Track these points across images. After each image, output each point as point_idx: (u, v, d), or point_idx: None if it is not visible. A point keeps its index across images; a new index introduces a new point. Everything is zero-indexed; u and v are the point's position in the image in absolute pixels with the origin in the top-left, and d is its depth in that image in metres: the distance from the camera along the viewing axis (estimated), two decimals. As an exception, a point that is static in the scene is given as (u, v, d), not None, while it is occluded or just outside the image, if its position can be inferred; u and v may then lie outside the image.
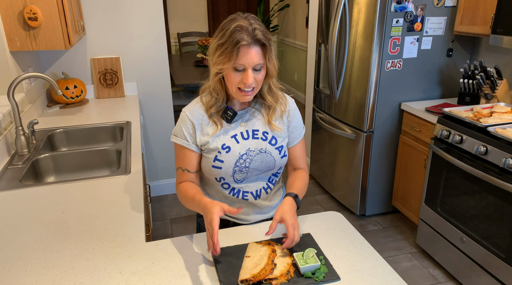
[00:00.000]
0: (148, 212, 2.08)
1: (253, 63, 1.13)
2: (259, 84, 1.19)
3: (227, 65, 1.13)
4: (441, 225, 2.28)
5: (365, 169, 2.77)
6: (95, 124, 2.26)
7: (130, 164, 1.73)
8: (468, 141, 2.04)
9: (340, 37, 2.76)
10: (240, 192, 1.31)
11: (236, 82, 1.16)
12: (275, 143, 1.28)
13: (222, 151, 1.25)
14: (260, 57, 1.14)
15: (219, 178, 1.28)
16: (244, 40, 1.10)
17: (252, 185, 1.30)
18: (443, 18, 2.51)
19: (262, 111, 1.30)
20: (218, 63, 1.15)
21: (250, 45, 1.11)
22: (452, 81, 2.69)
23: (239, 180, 1.28)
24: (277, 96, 1.30)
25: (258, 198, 1.32)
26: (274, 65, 1.19)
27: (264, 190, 1.32)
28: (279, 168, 1.31)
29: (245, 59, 1.12)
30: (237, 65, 1.13)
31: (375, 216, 2.91)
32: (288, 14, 6.16)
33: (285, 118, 1.32)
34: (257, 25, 1.14)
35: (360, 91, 2.64)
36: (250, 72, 1.13)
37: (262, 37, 1.13)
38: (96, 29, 2.73)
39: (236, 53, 1.11)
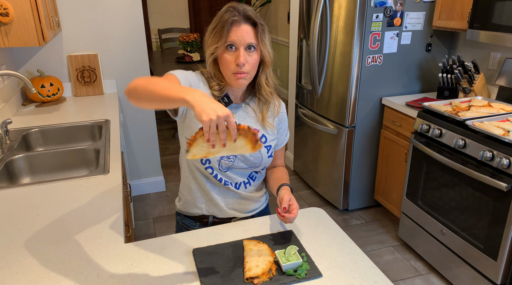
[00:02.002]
0: (129, 212, 2.05)
1: (245, 41, 1.12)
2: (253, 69, 1.17)
3: (219, 43, 1.14)
4: (422, 218, 2.31)
5: (347, 164, 2.78)
6: (72, 123, 2.20)
7: (109, 163, 1.69)
8: (447, 135, 2.07)
9: (321, 32, 2.76)
10: (222, 180, 1.29)
11: (229, 63, 1.14)
12: (264, 141, 1.28)
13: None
14: (252, 37, 1.13)
15: (205, 161, 1.24)
16: (235, 17, 1.12)
17: (234, 177, 1.29)
18: (422, 13, 2.53)
19: (256, 109, 1.29)
20: (212, 44, 1.16)
21: (240, 22, 1.12)
22: (432, 75, 2.73)
23: (223, 168, 1.26)
24: (273, 92, 1.30)
25: (238, 189, 1.31)
26: (268, 51, 1.18)
27: (244, 184, 1.31)
28: (263, 167, 1.31)
29: (236, 36, 1.12)
30: (228, 42, 1.13)
31: (358, 210, 2.93)
32: (269, 10, 6.14)
33: (277, 120, 1.33)
34: (249, 8, 1.15)
35: (342, 86, 2.65)
36: (242, 51, 1.13)
37: (253, 16, 1.14)
38: (72, 25, 2.66)
39: (227, 30, 1.12)
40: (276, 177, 1.33)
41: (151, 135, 3.11)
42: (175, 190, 3.26)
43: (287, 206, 1.15)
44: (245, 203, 1.33)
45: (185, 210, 1.38)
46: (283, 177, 1.32)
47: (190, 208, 1.36)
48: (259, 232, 1.20)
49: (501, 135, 1.79)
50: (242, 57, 1.13)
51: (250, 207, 1.34)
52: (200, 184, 1.30)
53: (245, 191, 1.32)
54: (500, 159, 1.76)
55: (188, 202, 1.36)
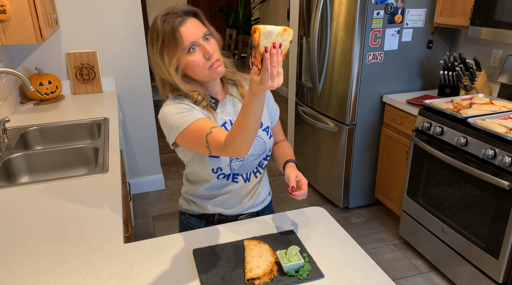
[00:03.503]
0: (128, 211, 2.03)
1: (199, 34, 1.09)
2: (218, 53, 1.14)
3: (179, 51, 1.07)
4: (423, 216, 2.30)
5: (348, 162, 2.77)
6: (71, 121, 2.18)
7: (108, 162, 1.68)
8: (449, 133, 2.05)
9: (322, 29, 2.74)
10: (230, 176, 1.26)
11: (200, 63, 1.09)
12: (261, 125, 1.25)
13: None
14: (201, 26, 1.11)
15: (216, 169, 1.21)
16: (177, 17, 1.07)
17: (243, 171, 1.27)
18: (423, 10, 2.51)
19: (239, 95, 1.27)
20: (172, 58, 1.08)
21: (185, 19, 1.08)
22: (433, 73, 2.71)
23: (235, 169, 1.24)
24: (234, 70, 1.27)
25: (247, 181, 1.29)
26: (215, 33, 1.16)
27: (253, 174, 1.29)
28: (269, 150, 1.30)
29: (190, 34, 1.07)
30: (187, 45, 1.07)
31: (358, 208, 2.92)
32: (269, 6, 6.11)
33: None
34: (181, 4, 1.13)
35: (342, 84, 2.63)
36: (203, 43, 1.09)
37: (190, 8, 1.12)
38: (71, 23, 2.64)
39: (179, 35, 1.06)
40: (280, 153, 1.33)
41: (150, 133, 3.09)
42: (175, 189, 3.24)
43: (295, 185, 1.14)
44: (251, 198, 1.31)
45: (190, 209, 1.36)
46: (286, 152, 1.32)
47: (195, 208, 1.34)
48: (260, 232, 1.18)
49: (503, 133, 1.78)
50: (208, 47, 1.09)
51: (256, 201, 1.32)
52: (207, 186, 1.28)
53: (254, 183, 1.30)
54: (502, 157, 1.75)
55: (191, 202, 1.34)
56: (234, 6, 6.34)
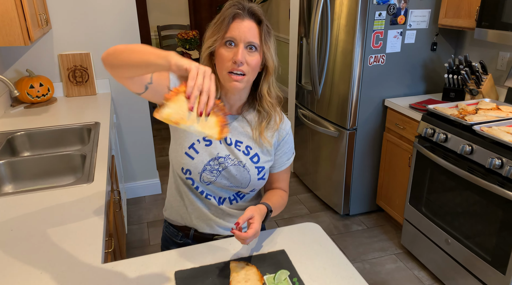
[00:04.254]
0: (118, 220, 1.96)
1: (246, 38, 1.02)
2: (252, 71, 1.06)
3: (217, 36, 1.04)
4: (425, 225, 2.21)
5: (348, 168, 2.68)
6: (60, 125, 2.11)
7: (94, 171, 1.60)
8: (453, 140, 1.96)
9: (322, 31, 2.65)
10: (204, 193, 1.19)
11: (226, 60, 1.03)
12: (257, 161, 1.15)
13: (201, 141, 1.12)
14: (255, 35, 1.03)
15: (185, 170, 1.14)
16: (238, 10, 1.03)
17: (217, 191, 1.18)
18: (427, 10, 2.41)
19: (253, 123, 1.16)
20: (210, 37, 1.06)
21: (243, 17, 1.03)
22: (437, 76, 2.61)
23: (205, 181, 1.16)
24: (275, 106, 1.17)
25: (221, 204, 1.21)
26: (272, 57, 1.08)
27: (229, 200, 1.21)
28: (251, 189, 1.19)
29: (237, 32, 1.02)
30: (227, 37, 1.03)
31: (359, 215, 2.83)
32: (271, 6, 6.01)
33: (276, 138, 1.19)
34: (255, 4, 1.06)
35: (343, 87, 2.54)
36: (242, 48, 1.02)
37: (259, 13, 1.05)
38: (63, 23, 2.56)
39: (227, 24, 1.03)
40: (265, 197, 1.21)
41: (146, 136, 3.01)
42: (171, 193, 3.16)
43: (242, 222, 1.00)
44: (229, 220, 1.22)
45: (170, 218, 1.30)
46: (272, 198, 1.19)
47: (173, 216, 1.28)
48: (247, 252, 1.10)
49: (511, 141, 1.68)
50: (241, 54, 1.02)
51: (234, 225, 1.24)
52: (183, 192, 1.20)
53: (229, 207, 1.21)
54: (510, 167, 1.65)
55: (172, 209, 1.27)
56: (235, 5, 6.26)
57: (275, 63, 1.09)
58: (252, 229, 0.99)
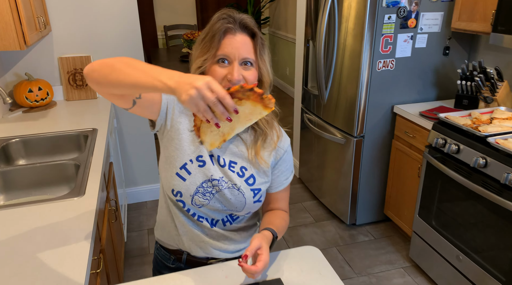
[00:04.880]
0: (112, 233, 1.89)
1: (240, 55, 0.94)
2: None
3: (208, 54, 0.95)
4: (435, 240, 2.11)
5: (355, 176, 2.58)
6: (57, 132, 2.05)
7: (86, 183, 1.54)
8: (466, 152, 1.85)
9: (329, 34, 2.55)
10: (196, 215, 1.11)
11: (219, 79, 0.95)
12: (252, 183, 1.07)
13: (194, 162, 1.04)
14: (250, 50, 0.95)
15: (176, 192, 1.06)
16: (230, 24, 0.94)
17: (209, 213, 1.10)
18: (439, 13, 2.30)
19: (249, 143, 1.08)
20: (199, 56, 0.97)
21: (236, 31, 0.94)
22: (449, 81, 2.50)
23: (197, 204, 1.08)
24: (272, 122, 1.08)
25: (214, 226, 1.13)
26: (268, 70, 0.99)
27: (222, 222, 1.13)
28: (247, 212, 1.11)
29: (230, 48, 0.94)
30: (219, 55, 0.94)
31: (366, 225, 2.74)
32: (279, 5, 5.92)
33: (273, 157, 1.10)
34: (246, 15, 0.97)
35: (350, 93, 2.44)
36: (236, 65, 0.94)
37: (252, 25, 0.96)
38: (63, 26, 2.50)
39: (218, 40, 0.94)
40: (266, 221, 1.12)
41: (147, 139, 2.95)
42: (173, 198, 3.10)
43: (250, 254, 0.92)
44: (224, 242, 1.15)
45: (161, 239, 1.23)
46: (275, 221, 1.10)
47: (165, 238, 1.20)
48: (240, 279, 1.02)
49: (528, 156, 1.57)
50: (237, 72, 0.93)
51: (230, 247, 1.16)
52: (173, 214, 1.13)
53: (223, 229, 1.13)
54: (527, 184, 1.55)
55: (163, 230, 1.20)
56: (243, 5, 6.16)
57: (270, 77, 1.01)
58: (262, 261, 0.92)
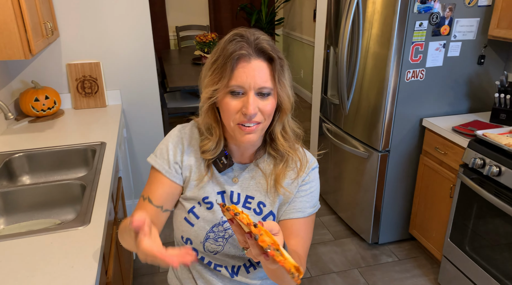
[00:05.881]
0: (119, 257, 1.76)
1: (256, 84, 0.81)
2: (267, 118, 0.86)
3: (220, 84, 0.81)
4: (469, 267, 1.93)
5: (379, 192, 2.41)
6: (63, 146, 1.92)
7: (92, 208, 1.41)
8: (509, 175, 1.67)
9: (352, 40, 2.38)
10: (212, 263, 0.98)
11: (233, 112, 0.83)
12: (272, 219, 0.94)
13: (202, 204, 0.93)
14: (267, 77, 0.81)
15: (185, 239, 0.96)
16: (243, 49, 0.79)
17: (227, 260, 0.97)
18: (475, 19, 2.12)
19: (268, 171, 0.94)
20: (209, 85, 0.84)
21: (250, 57, 0.80)
22: (483, 92, 2.31)
23: (210, 251, 0.95)
24: (293, 146, 0.95)
25: (235, 275, 0.99)
26: (288, 95, 0.86)
27: (245, 268, 0.98)
28: None
29: (244, 77, 0.80)
30: (232, 86, 0.81)
31: (389, 244, 2.57)
32: (294, 6, 5.74)
33: (295, 187, 0.96)
34: (262, 35, 0.83)
35: (375, 104, 2.27)
36: (252, 96, 0.81)
37: (269, 47, 0.81)
38: (72, 31, 2.38)
39: (230, 68, 0.80)
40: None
41: (159, 150, 2.82)
42: (185, 210, 2.97)
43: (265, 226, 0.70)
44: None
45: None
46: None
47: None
48: None
49: None
50: (252, 105, 0.81)
51: None
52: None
53: (247, 278, 0.99)
54: None
55: (178, 279, 1.07)
56: (257, 5, 6.00)
57: (291, 100, 0.87)
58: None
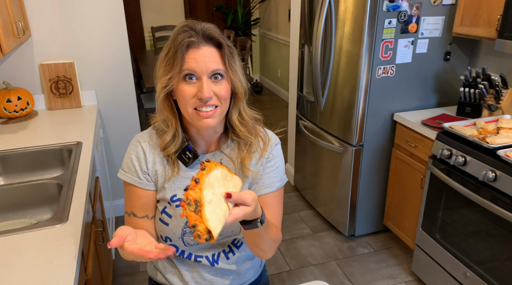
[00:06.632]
0: (98, 256, 1.76)
1: (209, 68, 0.84)
2: (224, 102, 0.89)
3: (173, 72, 0.85)
4: (440, 255, 2.02)
5: (354, 186, 2.49)
6: (38, 146, 1.90)
7: (70, 206, 1.40)
8: (473, 164, 1.77)
9: (325, 39, 2.44)
10: (192, 255, 1.01)
11: (189, 98, 0.86)
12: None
13: (172, 204, 0.95)
14: (217, 61, 0.85)
15: (164, 237, 0.99)
16: (193, 37, 0.83)
17: (208, 249, 1.00)
18: (440, 18, 2.22)
19: (234, 156, 0.98)
20: (163, 75, 0.87)
21: (200, 44, 0.84)
22: (450, 87, 2.42)
23: (191, 244, 0.98)
24: (253, 128, 0.98)
25: (216, 263, 1.02)
26: (240, 80, 0.90)
27: (224, 254, 1.02)
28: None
29: (195, 63, 0.84)
30: (185, 70, 0.84)
31: (365, 236, 2.64)
32: (270, 6, 5.81)
33: (261, 164, 0.99)
34: (210, 25, 0.87)
35: (348, 100, 2.34)
36: (205, 80, 0.84)
37: (217, 35, 0.85)
38: (44, 30, 2.35)
39: (181, 55, 0.83)
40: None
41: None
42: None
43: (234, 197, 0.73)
44: (228, 278, 1.03)
45: (155, 277, 1.11)
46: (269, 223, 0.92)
47: (160, 278, 1.09)
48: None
49: (542, 170, 1.49)
50: (206, 89, 0.84)
51: (234, 282, 1.05)
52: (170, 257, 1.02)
53: (227, 264, 1.02)
54: (542, 201, 1.46)
55: (157, 270, 1.09)
56: (232, 5, 6.03)
57: (244, 86, 0.91)
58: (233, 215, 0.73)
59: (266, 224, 0.85)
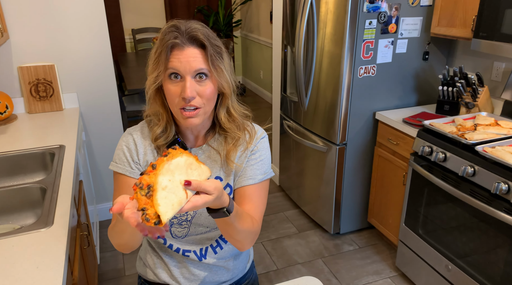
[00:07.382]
0: (84, 260, 1.73)
1: (192, 68, 0.86)
2: (208, 101, 0.90)
3: (158, 71, 0.88)
4: (423, 249, 2.07)
5: (338, 184, 2.52)
6: (19, 151, 1.86)
7: (54, 210, 1.38)
8: (453, 160, 1.82)
9: (308, 40, 2.48)
10: (180, 250, 1.02)
11: (174, 97, 0.88)
12: (229, 192, 0.99)
13: None
14: (200, 61, 0.87)
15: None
16: (177, 39, 0.85)
17: (195, 242, 1.01)
18: (418, 18, 2.28)
19: (221, 149, 1.00)
20: (151, 72, 0.90)
21: (183, 45, 0.86)
22: (429, 86, 2.49)
23: (179, 236, 0.99)
24: (241, 124, 1.00)
25: (204, 258, 1.03)
26: (227, 80, 0.91)
27: (212, 249, 1.03)
28: None
29: (178, 62, 0.86)
30: (169, 69, 0.87)
31: (350, 233, 2.68)
32: (251, 8, 5.83)
33: (245, 156, 1.01)
34: (197, 25, 0.89)
35: (331, 100, 2.38)
36: (189, 80, 0.86)
37: (201, 35, 0.87)
38: (23, 32, 2.30)
39: (165, 55, 0.86)
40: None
41: (120, 153, 2.78)
42: (149, 213, 2.94)
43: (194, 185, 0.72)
44: (216, 274, 1.04)
45: (145, 275, 1.11)
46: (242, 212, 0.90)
47: (149, 275, 1.09)
48: None
49: (518, 164, 1.55)
50: (189, 88, 0.86)
51: (223, 277, 1.06)
52: (158, 250, 1.03)
53: (215, 259, 1.03)
54: (518, 193, 1.52)
55: (147, 266, 1.09)
56: (214, 7, 6.03)
57: (231, 85, 0.93)
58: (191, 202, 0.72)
59: (237, 214, 0.85)
